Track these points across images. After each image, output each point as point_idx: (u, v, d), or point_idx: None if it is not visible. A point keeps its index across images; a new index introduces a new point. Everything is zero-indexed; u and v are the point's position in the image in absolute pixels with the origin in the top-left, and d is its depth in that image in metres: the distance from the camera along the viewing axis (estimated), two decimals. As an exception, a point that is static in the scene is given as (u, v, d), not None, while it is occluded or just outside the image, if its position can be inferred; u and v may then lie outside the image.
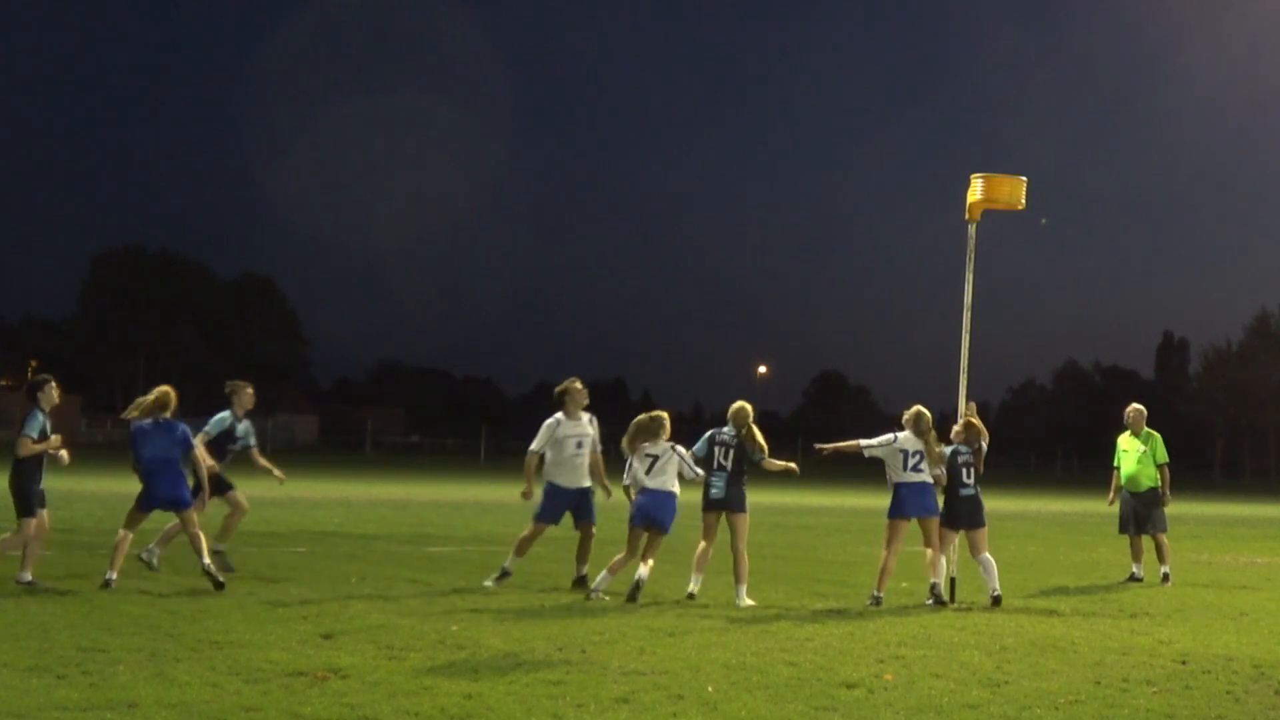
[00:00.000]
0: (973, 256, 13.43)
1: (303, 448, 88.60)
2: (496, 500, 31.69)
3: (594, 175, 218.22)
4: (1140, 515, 15.49)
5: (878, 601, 12.12)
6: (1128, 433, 15.76)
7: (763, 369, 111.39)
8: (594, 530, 13.20)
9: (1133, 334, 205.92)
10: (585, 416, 13.16)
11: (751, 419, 12.56)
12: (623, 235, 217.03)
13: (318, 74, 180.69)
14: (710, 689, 7.79)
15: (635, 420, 12.51)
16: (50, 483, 12.13)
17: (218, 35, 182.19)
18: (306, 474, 45.01)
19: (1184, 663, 9.41)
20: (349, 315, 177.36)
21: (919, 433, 12.55)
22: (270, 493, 30.93)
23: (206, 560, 11.91)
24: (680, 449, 12.39)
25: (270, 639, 9.06)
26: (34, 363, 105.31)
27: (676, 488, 12.37)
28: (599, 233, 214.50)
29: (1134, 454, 15.59)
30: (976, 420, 12.99)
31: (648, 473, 12.29)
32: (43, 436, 11.79)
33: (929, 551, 12.52)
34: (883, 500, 12.95)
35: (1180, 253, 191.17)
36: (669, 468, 12.32)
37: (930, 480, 12.52)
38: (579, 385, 13.14)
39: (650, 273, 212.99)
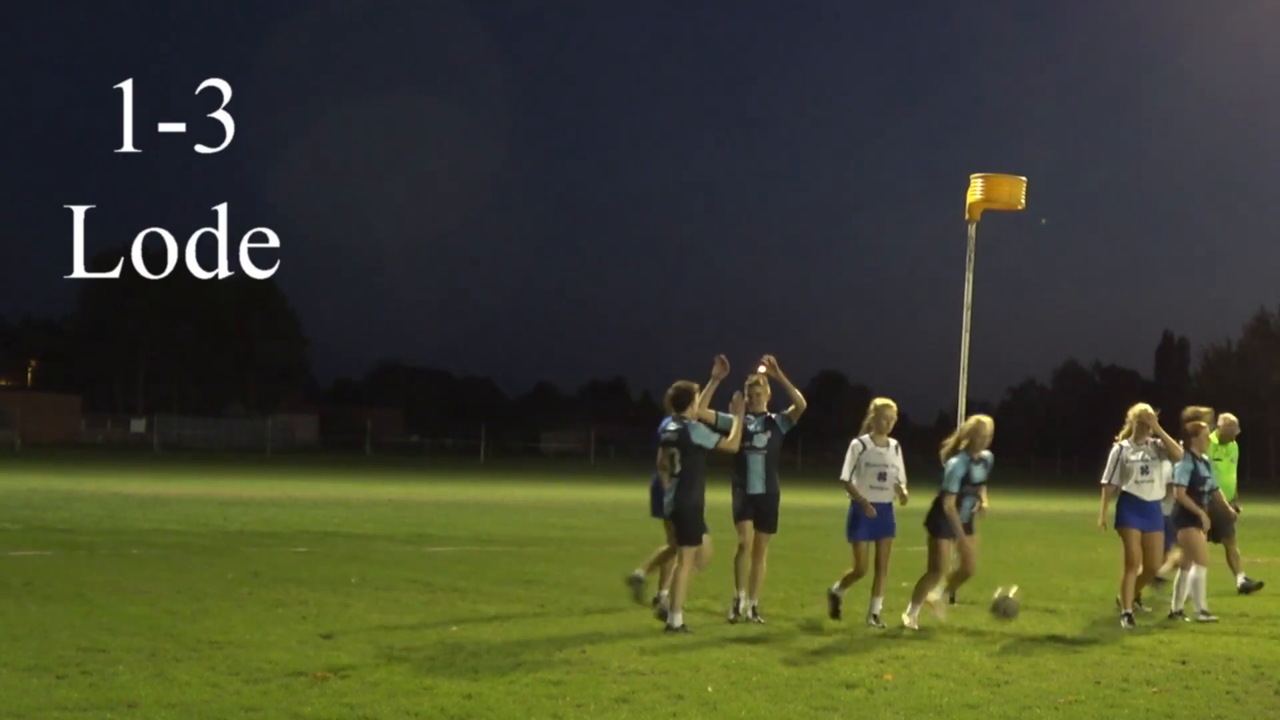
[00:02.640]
0: (973, 256, 13.43)
1: (303, 448, 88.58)
2: (496, 500, 31.69)
3: (594, 175, 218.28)
4: (1221, 523, 15.33)
5: (1129, 619, 11.43)
6: (1217, 441, 15.53)
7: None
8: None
9: (1133, 334, 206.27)
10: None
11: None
12: (623, 235, 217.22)
13: (318, 74, 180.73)
14: (710, 689, 7.79)
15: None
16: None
17: (217, 35, 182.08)
18: (306, 474, 45.04)
19: (1184, 663, 9.42)
20: (349, 315, 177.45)
21: (1142, 436, 11.76)
22: (270, 493, 30.96)
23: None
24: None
25: (270, 639, 9.06)
26: (34, 362, 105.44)
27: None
28: (599, 233, 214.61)
29: (1224, 462, 15.46)
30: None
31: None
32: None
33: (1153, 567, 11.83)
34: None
35: (1180, 253, 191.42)
36: None
37: (1157, 497, 11.73)
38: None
39: (651, 272, 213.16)
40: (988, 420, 11.24)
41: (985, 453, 11.24)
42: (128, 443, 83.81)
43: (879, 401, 11.40)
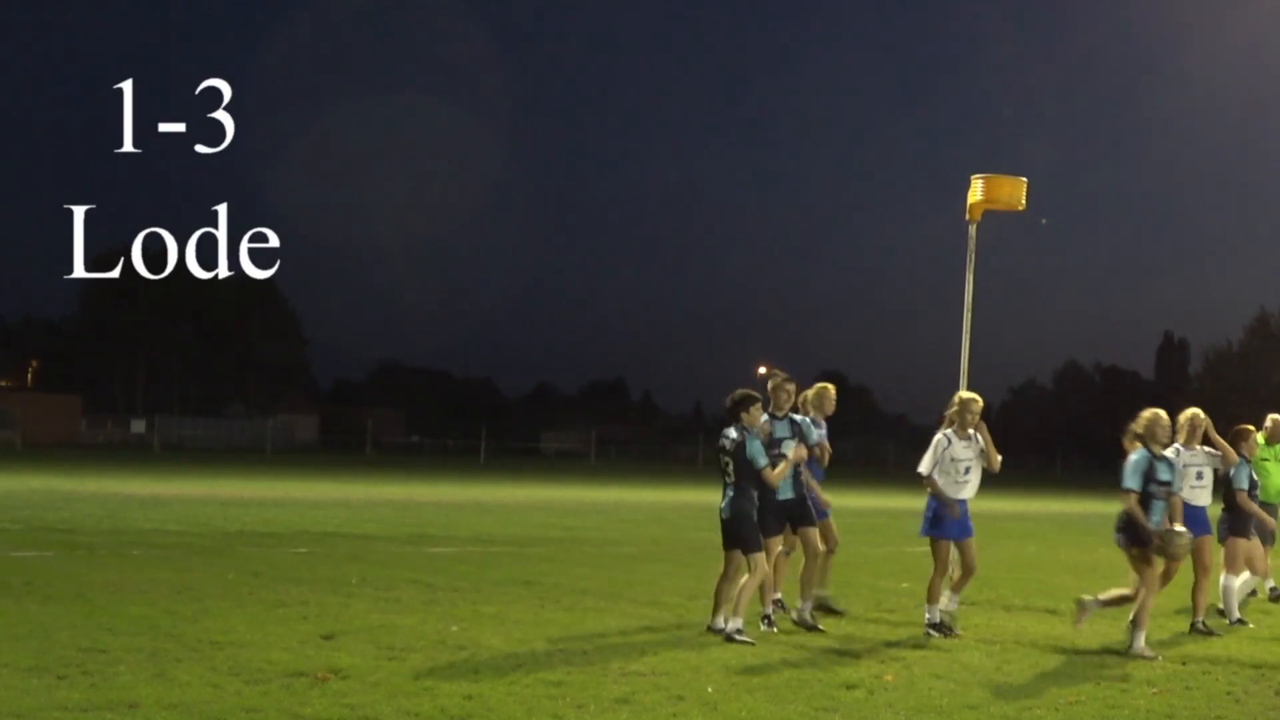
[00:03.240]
0: (973, 257, 13.43)
1: (303, 448, 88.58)
2: (497, 501, 31.67)
3: (595, 175, 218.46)
4: (1262, 530, 15.26)
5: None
6: (1264, 441, 15.43)
7: (763, 369, 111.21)
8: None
9: (1133, 334, 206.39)
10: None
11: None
12: (623, 235, 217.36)
13: (318, 74, 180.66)
14: (710, 689, 7.79)
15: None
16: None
17: (217, 35, 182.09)
18: (306, 474, 45.03)
19: (1184, 663, 9.43)
20: (349, 315, 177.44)
21: (1193, 440, 11.40)
22: (270, 493, 30.95)
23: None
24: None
25: (270, 639, 9.06)
26: (34, 362, 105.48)
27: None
28: (599, 233, 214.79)
29: (1271, 463, 15.38)
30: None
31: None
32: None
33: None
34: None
35: (1180, 253, 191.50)
36: None
37: (1206, 503, 11.47)
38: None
39: (650, 273, 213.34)
40: (1163, 412, 10.24)
41: (1169, 451, 10.35)
42: (128, 443, 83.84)
43: (964, 395, 10.92)
